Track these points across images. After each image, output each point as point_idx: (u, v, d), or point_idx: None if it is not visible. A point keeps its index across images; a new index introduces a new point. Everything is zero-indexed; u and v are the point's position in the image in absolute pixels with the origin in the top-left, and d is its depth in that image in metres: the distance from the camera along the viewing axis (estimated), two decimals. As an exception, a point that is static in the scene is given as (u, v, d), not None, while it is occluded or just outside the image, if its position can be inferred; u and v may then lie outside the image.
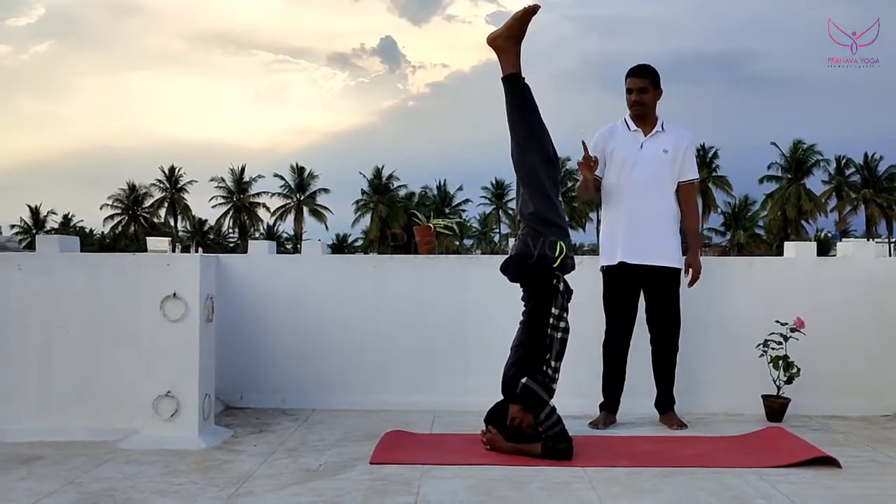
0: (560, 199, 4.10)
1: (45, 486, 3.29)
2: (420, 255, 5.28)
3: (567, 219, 4.08)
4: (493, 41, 4.00)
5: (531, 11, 3.92)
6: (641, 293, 4.53)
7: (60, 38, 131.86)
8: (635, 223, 4.42)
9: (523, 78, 4.00)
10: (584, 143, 4.49)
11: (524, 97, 3.99)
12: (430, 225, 5.36)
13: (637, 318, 4.54)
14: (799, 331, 4.56)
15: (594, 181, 4.49)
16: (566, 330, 3.90)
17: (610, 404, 4.52)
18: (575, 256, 4.06)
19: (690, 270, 4.51)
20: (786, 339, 4.56)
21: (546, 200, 3.93)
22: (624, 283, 4.48)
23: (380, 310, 5.04)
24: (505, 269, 4.03)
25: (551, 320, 3.87)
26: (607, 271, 4.53)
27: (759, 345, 4.61)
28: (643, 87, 4.46)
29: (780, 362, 4.56)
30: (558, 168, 4.14)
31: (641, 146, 4.48)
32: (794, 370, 4.54)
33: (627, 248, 4.43)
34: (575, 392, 4.48)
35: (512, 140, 4.01)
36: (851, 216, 59.34)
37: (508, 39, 3.97)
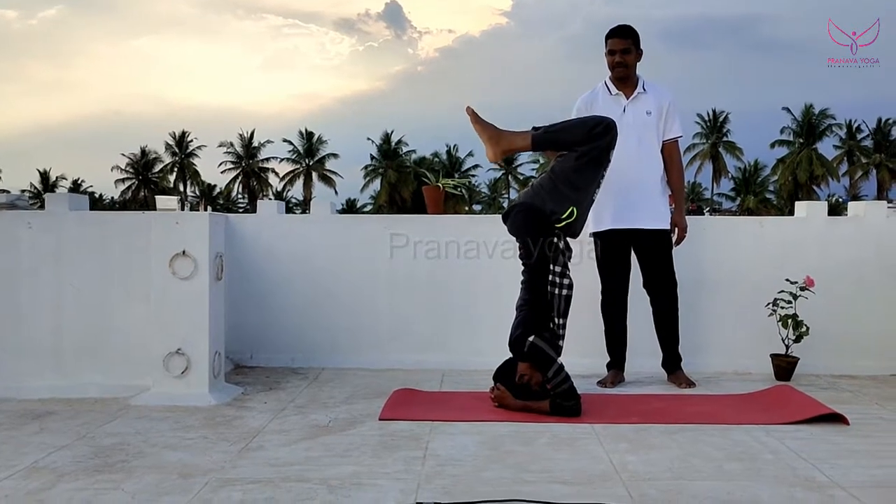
0: (601, 180, 3.94)
1: (58, 440, 3.33)
2: (431, 215, 5.27)
3: (594, 197, 3.96)
4: (498, 156, 3.95)
5: (469, 111, 3.98)
6: (633, 251, 4.53)
7: (69, 2, 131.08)
8: (623, 188, 4.38)
9: (537, 129, 3.92)
10: None
11: (557, 140, 3.91)
12: (440, 185, 5.34)
13: (636, 279, 4.54)
14: (809, 289, 4.54)
15: None
16: (570, 286, 3.86)
17: (616, 362, 4.55)
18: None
19: (676, 229, 4.49)
20: (795, 297, 4.55)
21: (589, 174, 3.86)
22: (615, 246, 4.48)
23: (389, 269, 5.04)
24: (506, 217, 4.00)
25: (552, 277, 3.85)
26: (598, 236, 4.53)
27: (768, 304, 4.60)
28: (626, 47, 4.40)
29: (790, 321, 4.55)
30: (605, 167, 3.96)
31: (624, 110, 4.43)
32: (803, 329, 4.54)
33: (617, 213, 4.42)
34: (582, 351, 4.50)
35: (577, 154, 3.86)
36: (863, 181, 58.88)
37: (491, 137, 3.94)
